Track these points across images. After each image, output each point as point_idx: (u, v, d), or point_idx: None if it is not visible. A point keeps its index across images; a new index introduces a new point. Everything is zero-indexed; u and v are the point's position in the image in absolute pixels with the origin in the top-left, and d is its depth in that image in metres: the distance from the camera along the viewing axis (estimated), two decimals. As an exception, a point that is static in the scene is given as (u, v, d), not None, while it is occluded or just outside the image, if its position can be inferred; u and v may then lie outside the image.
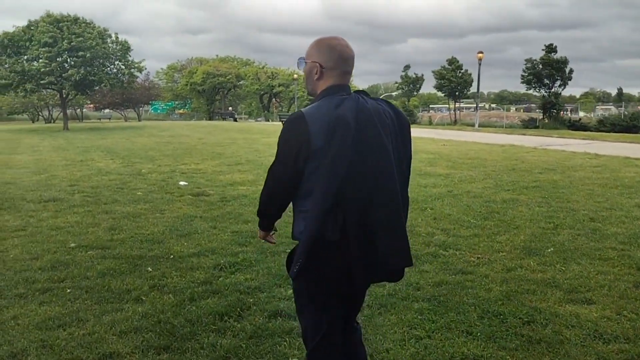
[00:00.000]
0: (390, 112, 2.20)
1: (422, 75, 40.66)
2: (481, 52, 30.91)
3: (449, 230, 5.99)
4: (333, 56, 2.17)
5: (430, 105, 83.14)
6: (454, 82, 36.45)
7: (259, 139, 21.13)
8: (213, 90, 63.65)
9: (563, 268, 4.66)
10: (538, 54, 33.50)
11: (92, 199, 8.05)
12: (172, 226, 6.34)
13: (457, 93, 37.36)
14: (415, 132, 29.23)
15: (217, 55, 71.32)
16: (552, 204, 7.44)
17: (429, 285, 4.25)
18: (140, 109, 66.84)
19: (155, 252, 5.25)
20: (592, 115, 36.11)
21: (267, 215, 2.31)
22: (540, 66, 30.63)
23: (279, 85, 60.24)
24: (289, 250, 2.30)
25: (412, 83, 40.51)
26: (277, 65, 66.94)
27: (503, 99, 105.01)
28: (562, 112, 32.31)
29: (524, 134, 25.04)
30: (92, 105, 66.60)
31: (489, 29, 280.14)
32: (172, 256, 5.11)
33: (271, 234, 2.40)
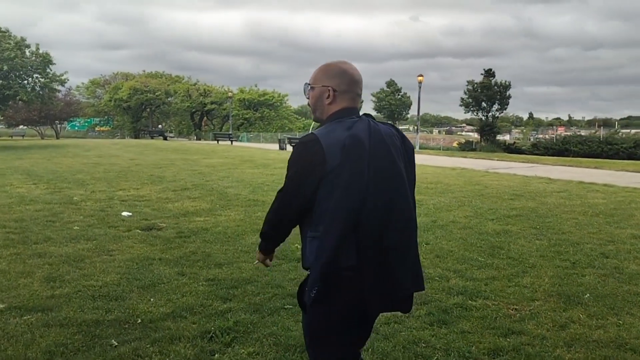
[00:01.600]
0: (397, 135, 2.21)
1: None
2: (421, 75, 31.18)
3: (462, 272, 5.21)
4: (345, 79, 2.16)
5: None
6: (394, 104, 36.63)
7: (199, 160, 19.77)
8: (140, 107, 60.88)
9: (620, 322, 3.97)
10: (454, 79, 34.54)
11: (18, 237, 6.61)
12: (128, 273, 5.13)
13: (395, 115, 37.55)
14: None
15: (144, 71, 68.55)
16: (549, 236, 6.89)
17: (484, 354, 3.41)
18: (59, 125, 62.67)
19: (116, 313, 4.06)
20: (530, 138, 37.52)
21: (272, 238, 2.27)
22: (479, 90, 31.41)
23: (212, 103, 58.51)
24: (289, 306, 2.39)
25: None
26: (208, 83, 65.19)
27: (425, 122, 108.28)
28: (497, 136, 33.28)
29: (464, 157, 25.25)
30: (0, 120, 61.68)
31: (408, 55, 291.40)
32: (139, 320, 3.95)
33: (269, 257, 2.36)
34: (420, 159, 23.41)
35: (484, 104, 31.49)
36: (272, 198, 2.13)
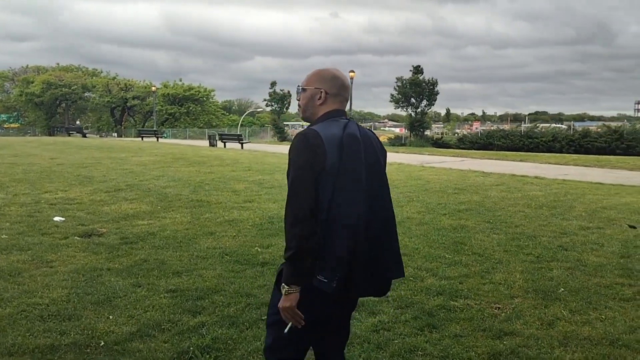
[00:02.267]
0: (376, 138, 2.35)
1: (289, 92, 40.18)
2: (352, 71, 31.37)
3: (434, 271, 5.10)
4: (337, 84, 2.30)
5: (285, 122, 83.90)
6: None
7: (128, 158, 18.72)
8: (54, 102, 57.21)
9: (602, 317, 3.99)
10: (374, 76, 35.16)
11: (-64, 249, 5.81)
12: (76, 287, 4.60)
13: None
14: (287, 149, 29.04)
15: (57, 64, 64.36)
16: (504, 229, 6.98)
17: (485, 359, 3.28)
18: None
19: (73, 336, 3.57)
20: (456, 133, 38.85)
21: (309, 241, 2.03)
22: (408, 86, 32.03)
23: (134, 98, 55.97)
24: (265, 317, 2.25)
25: (280, 100, 39.87)
26: (127, 77, 62.22)
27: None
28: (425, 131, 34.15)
29: (396, 152, 25.66)
30: None
31: (330, 51, 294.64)
32: (101, 342, 3.49)
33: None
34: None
35: (413, 100, 32.25)
36: (216, 198, 1.80)
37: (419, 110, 32.53)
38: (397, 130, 68.35)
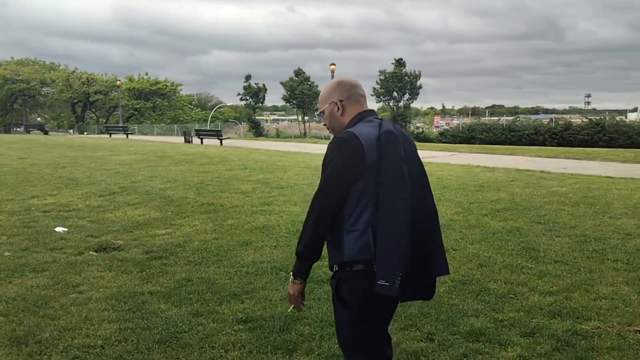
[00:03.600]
0: (408, 134, 2.30)
1: (264, 85, 39.12)
2: (333, 64, 30.66)
3: (528, 284, 4.51)
4: (345, 87, 2.28)
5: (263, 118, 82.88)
6: (306, 94, 35.63)
7: (107, 157, 17.55)
8: (9, 98, 54.36)
9: None
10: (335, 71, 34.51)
11: None
12: (126, 320, 3.80)
13: (305, 105, 36.58)
14: (273, 145, 27.54)
15: (12, 58, 61.13)
16: (562, 231, 6.46)
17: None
18: None
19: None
20: (436, 127, 38.66)
21: (312, 253, 2.16)
22: (390, 80, 31.54)
23: (96, 93, 53.65)
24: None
25: (255, 94, 38.70)
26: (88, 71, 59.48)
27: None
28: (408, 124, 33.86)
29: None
30: None
31: (289, 45, 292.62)
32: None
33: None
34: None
35: (395, 94, 31.83)
36: (228, 201, 1.15)
37: (401, 104, 32.20)
38: None
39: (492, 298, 4.19)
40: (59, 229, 6.82)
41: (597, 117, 28.16)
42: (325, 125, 2.35)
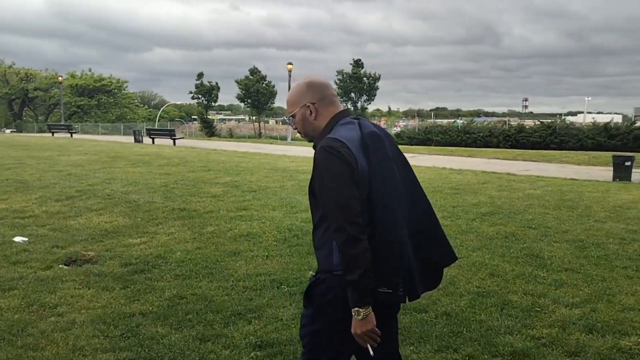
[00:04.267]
0: (386, 131, 2.20)
1: (217, 83, 38.02)
2: (290, 64, 30.12)
3: (549, 296, 4.29)
4: (315, 89, 2.10)
5: (193, 116, 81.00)
6: (262, 93, 34.84)
7: (55, 157, 16.44)
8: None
9: None
10: (275, 69, 34.26)
11: None
12: (124, 349, 3.30)
13: (261, 105, 35.73)
14: (229, 146, 26.83)
15: (-59, 51, 56.94)
16: (556, 236, 6.35)
17: None
18: None
19: None
20: (394, 128, 38.68)
21: (368, 256, 1.88)
22: (349, 80, 31.30)
23: (36, 90, 50.79)
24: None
25: (207, 92, 37.55)
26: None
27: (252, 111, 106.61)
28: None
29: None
30: None
31: (233, 44, 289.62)
32: None
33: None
34: (304, 151, 22.41)
35: (352, 95, 31.62)
36: (201, 206, 1.02)
37: (359, 105, 32.03)
38: None
39: (518, 312, 3.94)
40: (18, 239, 6.12)
41: (549, 121, 29.05)
42: (296, 129, 2.18)
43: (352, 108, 32.64)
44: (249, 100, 35.76)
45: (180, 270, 4.98)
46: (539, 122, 27.50)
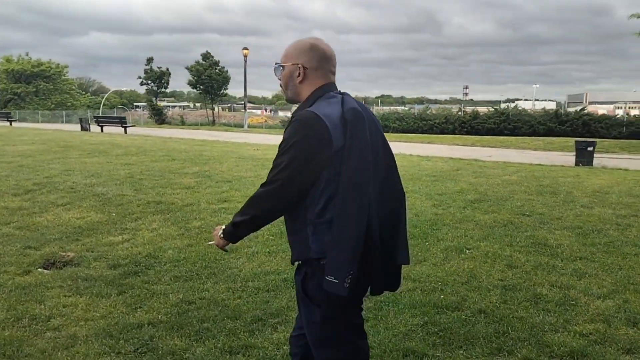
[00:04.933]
0: (368, 110, 2.07)
1: (168, 69, 36.46)
2: (246, 49, 29.27)
3: (577, 288, 4.16)
4: (315, 55, 1.98)
5: (135, 103, 78.53)
6: (215, 79, 33.68)
7: (0, 147, 15.25)
8: None
9: None
10: (220, 55, 33.52)
11: None
12: (142, 368, 2.88)
13: (214, 91, 34.56)
14: (184, 134, 25.98)
15: None
16: (553, 223, 6.31)
17: None
18: None
19: None
20: None
21: (249, 229, 1.99)
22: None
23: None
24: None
25: (158, 78, 35.97)
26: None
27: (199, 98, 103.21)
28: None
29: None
30: None
31: (174, 29, 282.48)
32: None
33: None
34: (261, 138, 21.98)
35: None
36: (178, 198, 1.05)
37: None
38: (257, 112, 66.57)
39: (553, 306, 3.78)
40: None
41: (503, 107, 29.71)
42: (280, 84, 2.07)
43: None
44: (201, 87, 34.57)
45: (179, 271, 4.55)
46: (493, 109, 28.08)
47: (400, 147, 17.73)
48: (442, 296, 3.93)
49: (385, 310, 3.70)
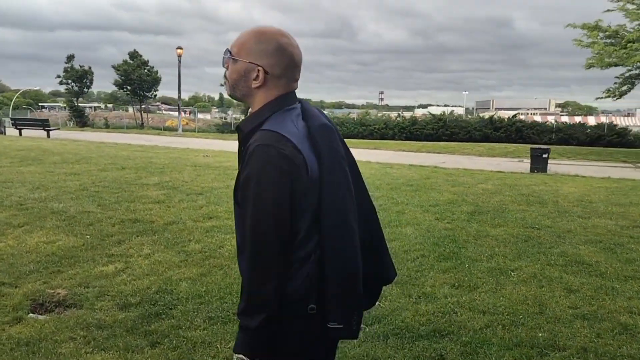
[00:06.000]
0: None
1: (91, 68, 33.92)
2: (180, 48, 27.79)
3: (626, 309, 3.92)
4: (282, 62, 1.60)
5: (41, 104, 73.68)
6: (144, 80, 31.69)
7: None
8: None
9: None
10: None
11: None
12: None
13: (143, 93, 32.52)
14: (114, 138, 24.33)
15: None
16: (567, 237, 6.16)
17: None
18: None
19: None
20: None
21: (266, 306, 1.47)
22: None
23: None
24: None
25: (79, 78, 33.31)
26: None
27: (117, 99, 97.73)
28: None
29: (225, 139, 23.66)
30: None
31: (80, 25, 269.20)
32: None
33: None
34: (205, 143, 20.92)
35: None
36: (156, 215, 2.05)
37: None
38: (175, 114, 63.86)
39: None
40: None
41: (440, 113, 30.37)
42: (225, 74, 1.66)
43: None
44: (128, 87, 32.54)
45: (209, 310, 3.85)
46: (430, 115, 28.62)
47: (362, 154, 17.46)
48: (532, 333, 3.53)
49: (482, 354, 3.23)
